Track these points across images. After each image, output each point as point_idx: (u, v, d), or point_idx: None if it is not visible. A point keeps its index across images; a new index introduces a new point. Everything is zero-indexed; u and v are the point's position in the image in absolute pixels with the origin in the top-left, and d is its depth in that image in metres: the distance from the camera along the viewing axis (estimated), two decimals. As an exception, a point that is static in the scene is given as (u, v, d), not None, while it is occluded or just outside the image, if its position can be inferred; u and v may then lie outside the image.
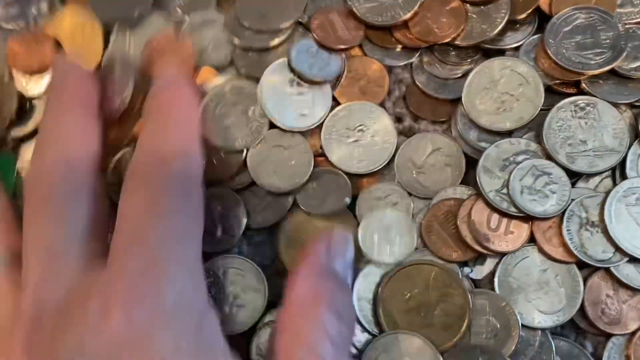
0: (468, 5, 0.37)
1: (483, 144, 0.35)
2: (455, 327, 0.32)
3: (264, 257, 0.36)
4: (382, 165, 0.36)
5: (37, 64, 0.37)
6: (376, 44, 0.38)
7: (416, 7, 0.37)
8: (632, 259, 0.32)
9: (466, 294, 0.33)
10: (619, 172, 0.34)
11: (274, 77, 0.37)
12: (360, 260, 0.34)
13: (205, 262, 0.34)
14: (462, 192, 0.35)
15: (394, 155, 0.36)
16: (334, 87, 0.37)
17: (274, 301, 0.35)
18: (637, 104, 0.35)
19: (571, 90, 0.36)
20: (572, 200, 0.33)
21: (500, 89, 0.36)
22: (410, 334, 0.32)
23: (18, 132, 0.38)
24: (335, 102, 0.37)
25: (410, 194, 0.36)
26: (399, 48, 0.38)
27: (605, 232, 0.32)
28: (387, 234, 0.34)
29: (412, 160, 0.36)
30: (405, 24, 0.37)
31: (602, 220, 0.33)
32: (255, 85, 0.37)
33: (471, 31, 0.37)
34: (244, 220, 0.35)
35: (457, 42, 0.37)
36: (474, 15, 0.37)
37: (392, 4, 0.37)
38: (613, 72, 0.35)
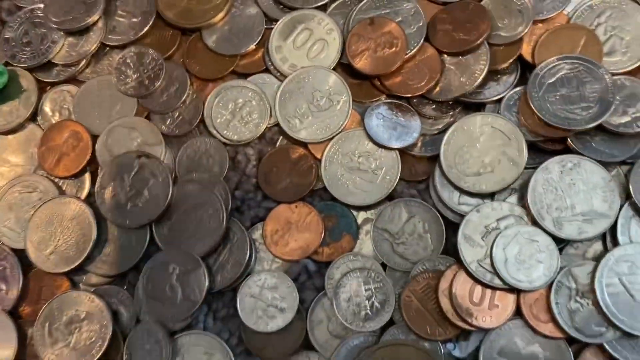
0: (445, 56, 0.35)
1: (463, 208, 0.33)
2: (436, 418, 0.30)
3: (232, 333, 0.34)
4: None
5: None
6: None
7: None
8: (626, 335, 0.30)
9: (447, 375, 0.31)
10: (609, 236, 0.32)
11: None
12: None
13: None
14: (442, 262, 0.33)
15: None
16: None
17: (244, 384, 0.34)
18: (628, 161, 0.33)
19: (557, 147, 0.34)
20: (561, 268, 0.31)
21: (481, 148, 0.33)
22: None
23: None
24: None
25: (386, 267, 0.34)
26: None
27: (597, 304, 0.30)
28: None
29: (388, 231, 0.34)
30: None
31: (593, 291, 0.31)
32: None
33: (449, 84, 0.35)
34: (205, 283, 0.33)
35: (433, 96, 0.35)
36: (452, 67, 0.35)
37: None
38: (601, 128, 0.33)
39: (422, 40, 0.35)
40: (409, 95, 0.35)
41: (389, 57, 0.35)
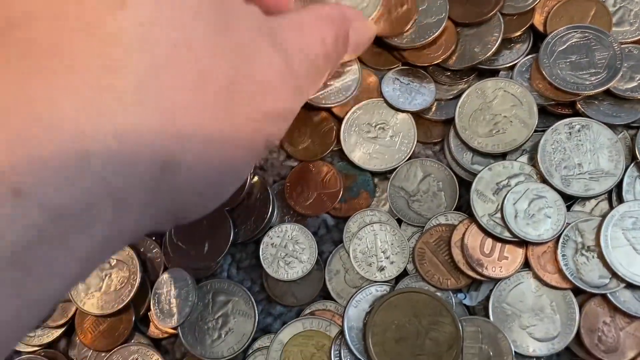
0: (460, 26, 0.38)
1: (476, 167, 0.36)
2: (446, 357, 0.32)
3: (254, 281, 0.37)
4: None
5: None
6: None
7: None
8: (629, 285, 0.32)
9: (456, 322, 0.33)
10: (615, 195, 0.34)
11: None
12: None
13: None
14: (455, 218, 0.35)
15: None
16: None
17: (264, 328, 0.36)
18: (633, 125, 0.35)
19: (566, 111, 0.36)
20: (568, 224, 0.34)
21: (494, 111, 0.36)
22: (401, 363, 0.32)
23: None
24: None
25: (401, 222, 0.36)
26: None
27: (602, 257, 0.33)
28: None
29: (403, 189, 0.36)
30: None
31: (598, 244, 0.33)
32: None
33: (464, 53, 0.37)
34: (231, 234, 0.36)
35: (449, 65, 0.37)
36: (467, 37, 0.38)
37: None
38: (609, 93, 0.35)
39: (445, 16, 0.37)
40: (426, 64, 0.38)
41: (403, 16, 0.37)
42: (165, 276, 0.36)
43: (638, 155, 0.34)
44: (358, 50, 0.33)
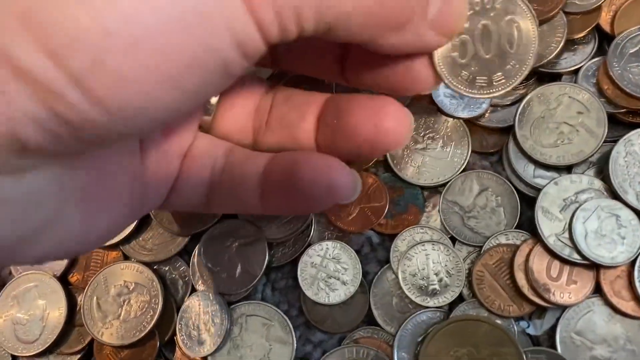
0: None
1: (539, 180, 0.33)
2: (514, 395, 0.29)
3: (291, 304, 0.34)
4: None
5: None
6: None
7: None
8: None
9: (520, 354, 0.30)
10: (696, 213, 0.31)
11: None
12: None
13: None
14: (516, 237, 0.32)
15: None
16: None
17: (303, 356, 0.33)
18: None
19: (638, 120, 0.33)
20: (644, 245, 0.31)
21: (557, 118, 0.33)
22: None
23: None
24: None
25: (455, 240, 0.33)
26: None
27: (684, 283, 0.30)
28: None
29: (458, 204, 0.33)
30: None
31: (679, 269, 0.30)
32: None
33: (523, 53, 0.34)
34: (266, 258, 0.33)
35: (507, 66, 0.34)
36: (527, 36, 0.34)
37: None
38: (687, 100, 0.32)
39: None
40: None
41: None
42: (192, 300, 0.33)
43: None
44: (446, 23, 0.22)
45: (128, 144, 0.22)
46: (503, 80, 0.24)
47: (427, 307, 0.32)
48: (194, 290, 0.34)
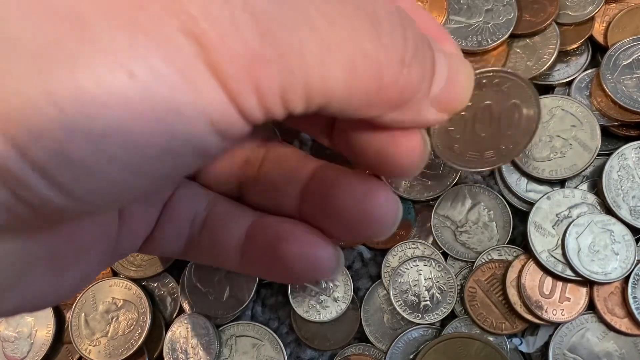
0: (511, 38, 0.34)
1: (531, 195, 0.32)
2: (507, 416, 0.29)
3: (281, 321, 0.33)
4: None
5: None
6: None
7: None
8: None
9: (515, 371, 0.30)
10: (690, 228, 0.31)
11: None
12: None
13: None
14: (509, 252, 0.32)
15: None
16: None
17: (294, 375, 0.33)
18: None
19: (632, 133, 0.33)
20: (638, 261, 0.30)
21: (550, 132, 0.33)
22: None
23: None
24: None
25: (447, 255, 0.33)
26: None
27: (678, 300, 0.29)
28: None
29: (450, 219, 0.33)
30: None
31: (673, 285, 0.30)
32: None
33: (515, 67, 0.34)
34: (255, 282, 0.32)
35: (499, 79, 0.34)
36: (518, 50, 0.34)
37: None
38: (681, 113, 0.32)
39: (508, 33, 0.33)
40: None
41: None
42: (180, 324, 0.33)
43: None
44: (450, 101, 0.20)
45: None
46: (494, 159, 0.24)
47: (419, 324, 0.32)
48: (182, 309, 0.34)
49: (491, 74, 0.24)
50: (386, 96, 0.17)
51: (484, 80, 0.24)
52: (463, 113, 0.23)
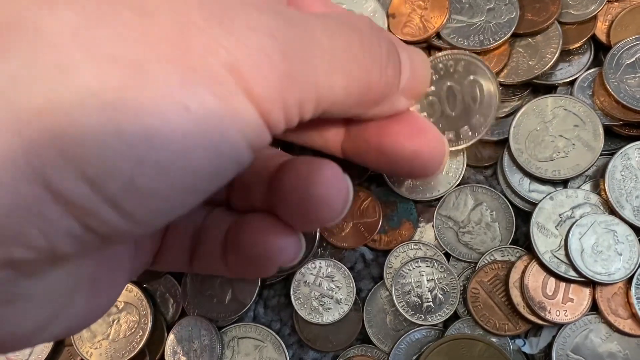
0: (513, 37, 0.34)
1: (534, 195, 0.32)
2: (511, 417, 0.29)
3: (284, 323, 0.33)
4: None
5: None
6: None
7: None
8: None
9: (519, 373, 0.29)
10: (694, 228, 0.31)
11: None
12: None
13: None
14: (511, 253, 0.32)
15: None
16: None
17: (296, 377, 0.33)
18: None
19: (635, 133, 0.32)
20: (641, 262, 0.30)
21: (553, 131, 0.32)
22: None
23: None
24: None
25: (449, 256, 0.33)
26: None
27: (682, 300, 0.29)
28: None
29: (452, 219, 0.33)
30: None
31: (677, 286, 0.30)
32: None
33: (517, 66, 0.34)
34: (258, 284, 0.32)
35: (500, 80, 0.34)
36: (520, 49, 0.34)
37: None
38: (684, 112, 0.32)
39: (510, 32, 0.33)
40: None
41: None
42: (182, 324, 0.33)
43: None
44: (414, 88, 0.23)
45: None
46: (470, 133, 0.28)
47: (422, 325, 0.32)
48: (184, 311, 0.33)
49: (444, 57, 0.28)
50: (372, 95, 0.21)
51: (440, 65, 0.28)
52: (431, 98, 0.27)
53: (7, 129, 0.13)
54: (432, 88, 0.26)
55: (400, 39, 0.34)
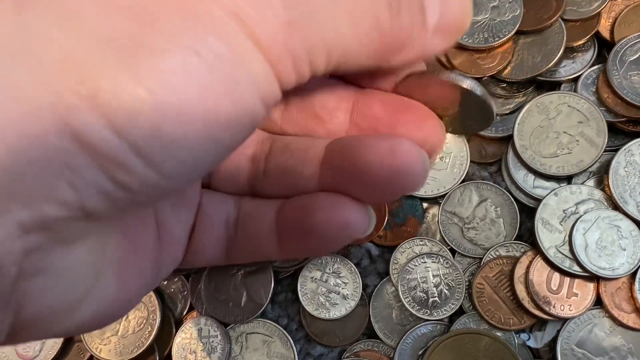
0: (517, 35, 0.34)
1: (538, 191, 0.33)
2: (516, 410, 0.29)
3: (291, 318, 0.34)
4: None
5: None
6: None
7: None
8: None
9: (523, 367, 0.30)
10: (697, 223, 0.31)
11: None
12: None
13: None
14: (516, 249, 0.32)
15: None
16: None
17: (304, 372, 0.33)
18: None
19: (639, 129, 0.33)
20: (645, 257, 0.30)
21: (557, 128, 0.33)
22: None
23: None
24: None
25: (455, 252, 0.33)
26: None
27: (685, 294, 0.30)
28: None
29: (457, 215, 0.33)
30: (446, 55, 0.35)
31: (680, 280, 0.30)
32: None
33: (521, 63, 0.34)
34: (271, 284, 0.32)
35: (504, 77, 0.34)
36: (524, 47, 0.34)
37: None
38: (688, 108, 0.32)
39: (514, 30, 0.34)
40: (479, 75, 0.34)
41: None
42: (189, 323, 0.33)
43: None
44: (450, 25, 0.21)
45: (149, 211, 0.23)
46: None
47: (428, 320, 0.32)
48: (192, 307, 0.34)
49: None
50: (388, 42, 0.19)
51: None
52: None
53: (33, 80, 0.13)
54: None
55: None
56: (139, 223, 0.22)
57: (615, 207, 0.31)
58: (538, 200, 0.32)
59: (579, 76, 0.34)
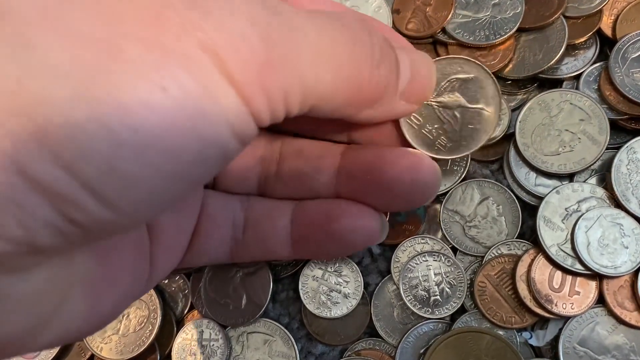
0: (518, 32, 0.34)
1: (540, 189, 0.33)
2: (518, 409, 0.29)
3: (292, 317, 0.34)
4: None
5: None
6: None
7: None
8: None
9: (525, 365, 0.30)
10: (699, 221, 0.31)
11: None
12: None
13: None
14: (518, 247, 0.32)
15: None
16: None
17: (305, 371, 0.33)
18: None
19: (641, 126, 0.33)
20: (647, 255, 0.30)
21: (559, 126, 0.33)
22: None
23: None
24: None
25: (456, 250, 0.33)
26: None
27: (687, 292, 0.30)
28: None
29: (459, 213, 0.33)
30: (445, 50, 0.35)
31: (682, 278, 0.30)
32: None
33: (523, 61, 0.34)
34: (270, 284, 0.32)
35: (506, 74, 0.34)
36: (526, 44, 0.34)
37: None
38: (690, 106, 0.32)
39: (516, 27, 0.33)
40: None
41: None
42: (189, 324, 0.33)
43: None
44: (416, 92, 0.23)
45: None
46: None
47: (429, 319, 0.32)
48: (192, 306, 0.34)
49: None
50: (364, 94, 0.20)
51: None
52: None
53: None
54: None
55: (405, 35, 0.34)
56: (116, 239, 0.21)
57: (618, 205, 0.31)
58: (540, 198, 0.32)
59: (580, 74, 0.34)
